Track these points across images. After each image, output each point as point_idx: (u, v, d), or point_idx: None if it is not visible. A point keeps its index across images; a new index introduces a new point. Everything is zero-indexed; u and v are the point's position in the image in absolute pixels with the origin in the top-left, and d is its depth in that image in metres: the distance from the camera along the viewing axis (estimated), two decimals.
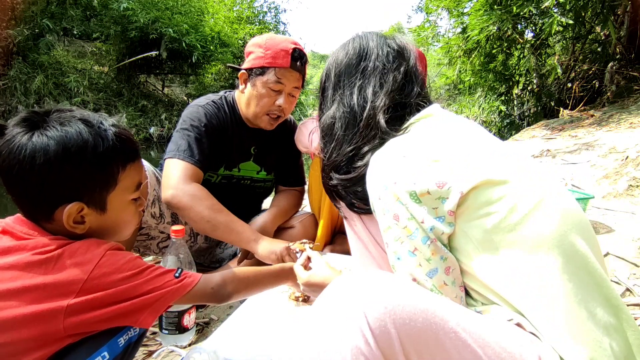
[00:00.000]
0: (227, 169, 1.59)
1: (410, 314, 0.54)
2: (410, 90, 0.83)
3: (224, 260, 1.72)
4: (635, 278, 1.40)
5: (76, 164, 0.71)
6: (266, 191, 1.77)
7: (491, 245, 0.63)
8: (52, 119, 0.72)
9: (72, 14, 8.91)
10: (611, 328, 0.59)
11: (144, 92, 10.72)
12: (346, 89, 0.86)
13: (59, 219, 0.72)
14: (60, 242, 0.71)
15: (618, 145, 2.99)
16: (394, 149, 0.73)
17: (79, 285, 0.67)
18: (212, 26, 10.71)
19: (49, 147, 0.69)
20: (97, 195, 0.75)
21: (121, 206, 0.79)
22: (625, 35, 5.26)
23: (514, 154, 0.71)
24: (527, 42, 6.15)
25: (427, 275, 0.66)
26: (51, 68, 8.51)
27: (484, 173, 0.64)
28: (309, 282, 1.00)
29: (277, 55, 1.44)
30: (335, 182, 0.85)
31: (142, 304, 0.73)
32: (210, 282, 0.85)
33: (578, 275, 0.61)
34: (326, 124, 0.87)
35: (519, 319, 0.61)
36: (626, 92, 5.06)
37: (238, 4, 13.13)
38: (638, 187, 2.23)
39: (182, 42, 9.36)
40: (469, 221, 0.64)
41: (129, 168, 0.78)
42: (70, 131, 0.71)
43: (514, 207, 0.63)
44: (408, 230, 0.67)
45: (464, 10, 6.32)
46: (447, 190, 0.64)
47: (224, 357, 0.95)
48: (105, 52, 10.48)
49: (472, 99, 8.45)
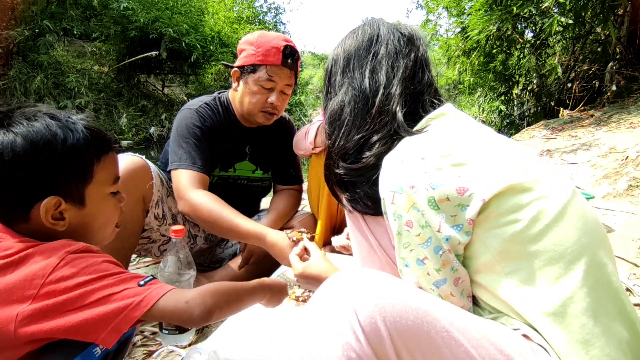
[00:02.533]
0: (222, 169, 1.59)
1: (400, 311, 0.54)
2: (422, 77, 0.80)
3: (224, 260, 1.72)
4: (635, 278, 1.40)
5: (46, 157, 0.69)
6: (264, 190, 1.77)
7: (509, 255, 0.61)
8: (17, 115, 0.70)
9: (72, 14, 8.90)
10: (624, 342, 0.58)
11: (144, 92, 10.72)
12: (356, 72, 0.81)
13: (36, 217, 0.70)
14: (27, 244, 0.67)
15: (618, 145, 2.99)
16: (411, 150, 0.68)
17: (35, 290, 0.63)
18: (212, 26, 10.70)
19: (15, 143, 0.67)
20: (73, 190, 0.73)
21: (100, 200, 0.77)
22: (625, 35, 5.26)
23: (533, 158, 0.68)
24: (527, 42, 6.15)
25: (434, 284, 0.64)
26: (51, 68, 8.50)
27: (506, 179, 0.61)
28: (303, 274, 0.98)
29: (269, 53, 1.44)
30: (342, 171, 0.80)
31: (98, 318, 0.65)
32: (184, 296, 0.72)
33: (596, 289, 0.59)
34: (334, 110, 0.82)
35: (527, 330, 0.60)
36: (626, 92, 5.06)
37: (238, 4, 13.13)
38: (638, 187, 2.23)
39: (182, 42, 9.36)
40: (489, 230, 0.61)
41: (103, 160, 0.77)
42: (36, 125, 0.69)
43: (536, 215, 0.60)
44: (421, 239, 0.63)
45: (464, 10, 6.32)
46: (469, 197, 0.61)
47: (224, 357, 0.95)
48: (105, 52, 10.47)
49: (472, 99, 8.45)
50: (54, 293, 0.63)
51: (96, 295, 0.65)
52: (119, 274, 0.70)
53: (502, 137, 0.73)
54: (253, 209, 1.78)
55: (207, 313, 0.73)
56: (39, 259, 0.65)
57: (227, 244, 1.74)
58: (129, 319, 0.66)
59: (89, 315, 0.64)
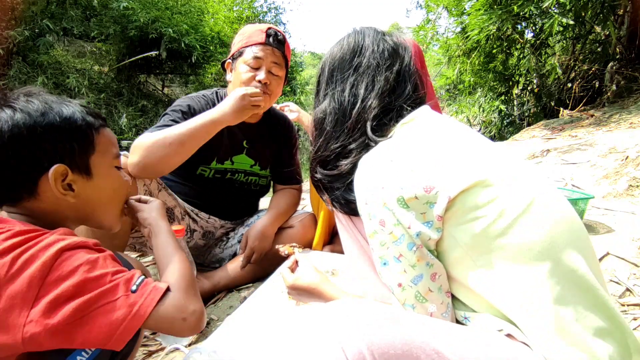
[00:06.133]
0: (219, 162, 1.59)
1: (388, 341, 0.54)
2: (402, 90, 0.82)
3: (223, 260, 1.72)
4: (635, 278, 1.40)
5: (45, 127, 0.71)
6: (262, 188, 1.77)
7: (480, 249, 0.62)
8: (15, 94, 0.74)
9: (72, 14, 8.90)
10: (604, 332, 0.59)
11: (144, 92, 10.72)
12: (338, 84, 0.85)
13: (45, 192, 0.71)
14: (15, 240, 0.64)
15: (618, 145, 2.99)
16: (381, 154, 0.72)
17: (35, 292, 0.61)
18: (212, 26, 10.70)
19: (14, 116, 0.69)
20: (78, 159, 0.75)
21: (106, 171, 0.80)
22: (625, 35, 5.26)
23: (502, 155, 0.70)
24: (527, 42, 6.15)
25: (412, 281, 0.66)
26: (51, 68, 8.50)
27: (472, 176, 0.63)
28: (294, 286, 0.99)
29: (252, 35, 1.49)
30: (320, 177, 0.85)
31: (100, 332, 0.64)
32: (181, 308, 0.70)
33: (566, 279, 0.60)
34: (317, 118, 0.87)
35: (509, 328, 0.61)
36: (626, 92, 5.06)
37: (238, 4, 13.12)
38: (638, 187, 2.23)
39: (182, 42, 9.36)
40: (457, 225, 0.64)
41: (102, 132, 0.80)
42: (33, 101, 0.73)
43: (502, 211, 0.62)
44: (394, 236, 0.66)
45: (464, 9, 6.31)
46: (435, 194, 0.63)
47: (224, 357, 0.95)
48: (105, 52, 10.47)
49: (472, 99, 8.45)
50: (56, 300, 0.62)
51: (97, 304, 0.64)
52: (113, 273, 0.68)
53: (474, 134, 0.74)
54: (252, 208, 1.78)
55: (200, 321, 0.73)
56: (33, 260, 0.63)
57: (226, 244, 1.74)
58: (129, 330, 0.65)
59: (92, 330, 0.63)
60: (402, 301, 0.68)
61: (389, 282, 0.69)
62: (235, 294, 1.49)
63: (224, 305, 1.40)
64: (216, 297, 1.49)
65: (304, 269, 1.01)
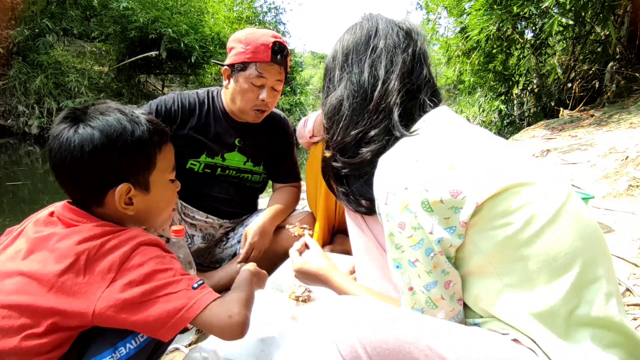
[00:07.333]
0: (209, 156, 1.59)
1: (380, 337, 0.55)
2: (420, 73, 0.79)
3: (224, 260, 1.72)
4: (635, 278, 1.40)
5: (119, 148, 0.77)
6: (257, 185, 1.75)
7: (502, 257, 0.60)
8: (92, 111, 0.79)
9: (72, 14, 8.91)
10: (616, 343, 0.58)
11: (144, 92, 10.72)
12: (355, 66, 0.80)
13: (110, 203, 0.79)
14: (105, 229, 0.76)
15: (618, 145, 2.99)
16: (405, 151, 0.67)
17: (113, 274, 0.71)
18: (212, 26, 10.71)
19: (94, 136, 0.76)
20: (141, 177, 0.82)
21: (162, 185, 0.87)
22: (625, 35, 5.26)
23: (527, 159, 0.67)
24: (527, 42, 6.15)
25: (424, 287, 0.64)
26: (51, 68, 8.50)
27: (500, 182, 0.60)
28: (301, 269, 0.98)
29: (257, 50, 1.45)
30: (339, 165, 0.81)
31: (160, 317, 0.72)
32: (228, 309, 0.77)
33: (584, 290, 0.59)
34: (333, 105, 0.82)
35: (516, 334, 0.59)
36: (626, 92, 5.06)
37: (238, 4, 13.13)
38: (638, 187, 2.23)
39: (181, 43, 9.36)
40: (482, 232, 0.61)
41: (163, 149, 0.85)
42: (109, 120, 0.78)
43: (529, 219, 0.59)
44: (412, 240, 0.63)
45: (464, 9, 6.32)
46: (462, 199, 0.60)
47: (224, 357, 0.95)
48: (105, 52, 10.47)
49: (472, 99, 8.45)
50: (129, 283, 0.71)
51: (161, 292, 0.73)
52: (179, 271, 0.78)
53: (497, 138, 0.72)
54: (250, 206, 1.77)
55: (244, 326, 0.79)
56: (116, 248, 0.73)
57: (226, 244, 1.73)
58: (184, 320, 0.73)
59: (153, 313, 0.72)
60: (411, 305, 0.66)
61: (400, 284, 0.67)
62: None
63: None
64: None
65: (314, 254, 1.00)
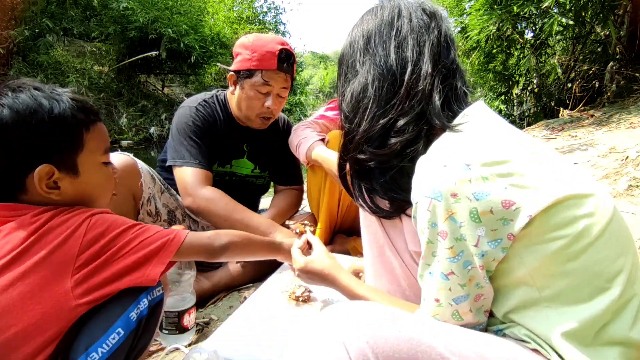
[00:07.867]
0: (220, 165, 1.61)
1: (393, 344, 0.53)
2: (447, 55, 0.73)
3: None
4: None
5: (33, 126, 0.71)
6: (261, 188, 1.78)
7: (545, 271, 0.57)
8: (1, 88, 0.73)
9: (72, 14, 8.90)
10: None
11: (144, 92, 10.72)
12: (379, 48, 0.73)
13: (32, 188, 0.72)
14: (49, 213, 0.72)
15: (618, 145, 2.99)
16: (453, 153, 0.61)
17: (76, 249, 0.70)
18: (212, 26, 10.70)
19: (2, 114, 0.69)
20: (65, 158, 0.75)
21: (93, 168, 0.80)
22: (625, 35, 5.26)
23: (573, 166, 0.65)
24: (527, 42, 6.15)
25: (453, 300, 0.60)
26: (51, 68, 8.51)
27: (554, 193, 0.56)
28: (305, 269, 0.95)
29: (264, 58, 1.44)
30: (366, 156, 0.72)
31: (144, 256, 0.74)
32: (204, 234, 0.88)
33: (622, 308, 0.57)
34: (356, 91, 0.74)
35: (536, 345, 0.58)
36: (626, 92, 5.06)
37: (238, 4, 13.12)
38: (638, 187, 2.23)
39: (181, 43, 9.35)
40: (529, 246, 0.57)
41: (92, 129, 0.79)
42: (22, 96, 0.71)
43: (581, 232, 0.56)
44: (452, 252, 0.58)
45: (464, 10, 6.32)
46: (514, 211, 0.55)
47: (224, 357, 0.95)
48: (105, 52, 10.47)
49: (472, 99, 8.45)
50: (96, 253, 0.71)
51: (134, 242, 0.74)
52: (143, 225, 0.78)
53: (538, 141, 0.68)
54: (252, 207, 1.78)
55: (225, 244, 0.89)
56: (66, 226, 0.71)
57: None
58: (169, 252, 0.76)
59: (133, 258, 0.73)
60: (432, 314, 0.63)
61: (426, 293, 0.63)
62: (235, 294, 1.49)
63: (224, 305, 1.40)
64: (216, 297, 1.49)
65: (318, 253, 0.97)
